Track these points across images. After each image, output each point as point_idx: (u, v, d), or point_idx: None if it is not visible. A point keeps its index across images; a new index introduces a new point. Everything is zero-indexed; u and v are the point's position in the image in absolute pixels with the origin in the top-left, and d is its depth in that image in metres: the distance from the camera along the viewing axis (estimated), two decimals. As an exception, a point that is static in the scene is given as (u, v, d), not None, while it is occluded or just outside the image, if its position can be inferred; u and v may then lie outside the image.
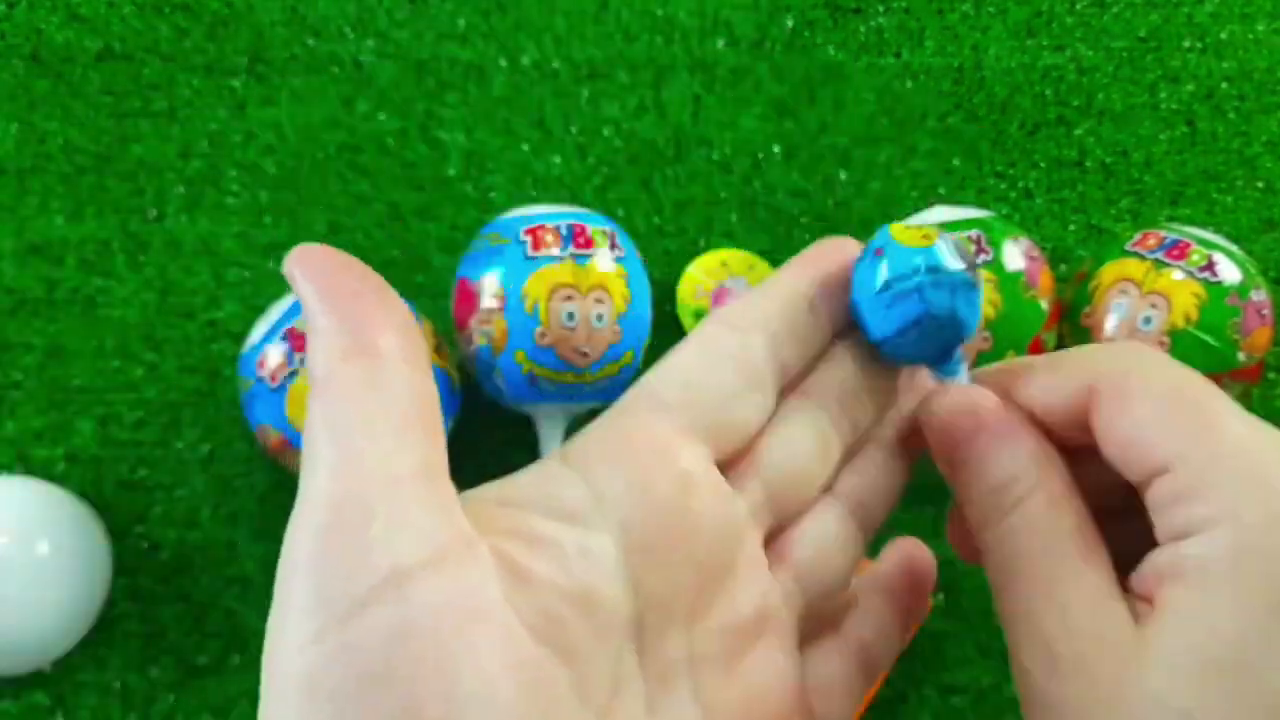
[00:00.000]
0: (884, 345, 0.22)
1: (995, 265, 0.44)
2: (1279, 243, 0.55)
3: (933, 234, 0.22)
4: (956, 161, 0.56)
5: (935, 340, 0.21)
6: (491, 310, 0.45)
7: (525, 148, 0.56)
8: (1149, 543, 0.19)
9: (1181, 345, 0.44)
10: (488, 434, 0.50)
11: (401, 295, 0.51)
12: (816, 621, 0.23)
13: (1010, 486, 0.20)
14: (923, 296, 0.21)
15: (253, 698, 0.47)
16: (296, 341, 0.43)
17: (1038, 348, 0.45)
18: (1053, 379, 0.21)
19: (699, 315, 0.51)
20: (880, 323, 0.22)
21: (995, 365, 0.23)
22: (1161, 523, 0.18)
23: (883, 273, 0.21)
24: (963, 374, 0.22)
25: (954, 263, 0.21)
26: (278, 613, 0.16)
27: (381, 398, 0.17)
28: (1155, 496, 0.18)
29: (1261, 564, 0.17)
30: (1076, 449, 0.21)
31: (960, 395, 0.21)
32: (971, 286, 0.21)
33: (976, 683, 0.48)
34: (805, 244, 0.56)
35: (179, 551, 0.49)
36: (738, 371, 0.21)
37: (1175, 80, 0.57)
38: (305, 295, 0.18)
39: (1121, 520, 0.21)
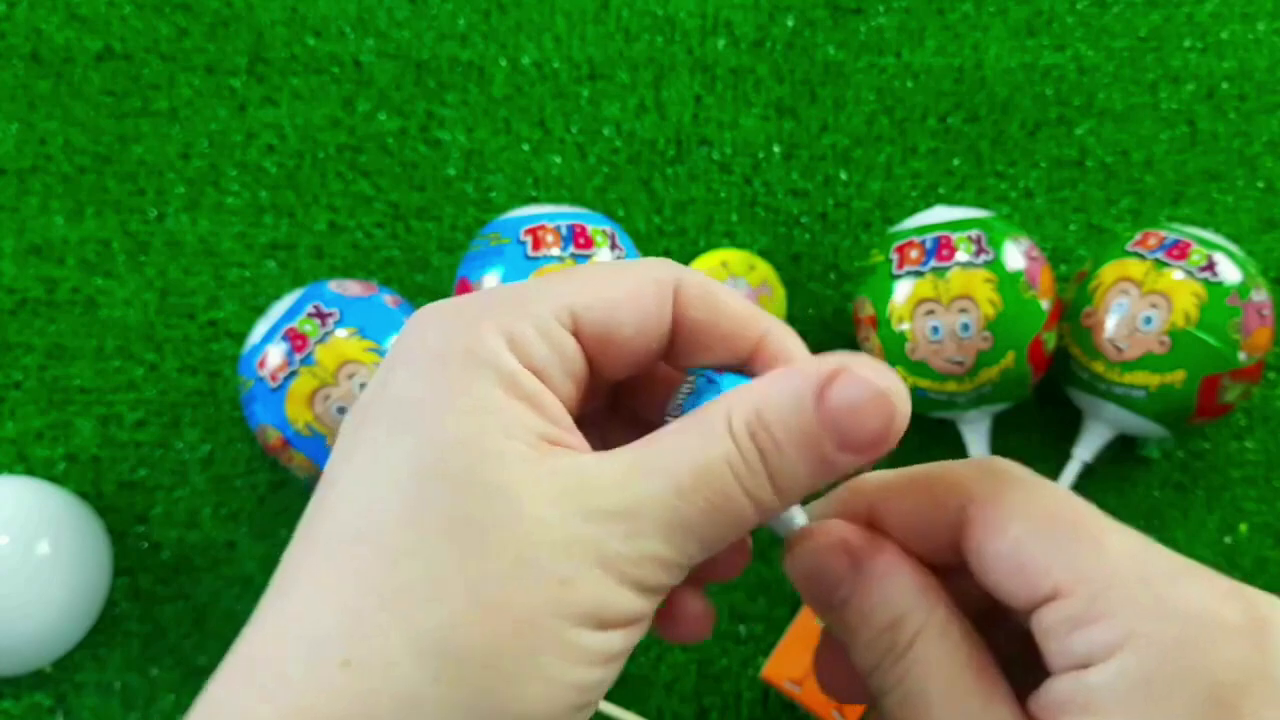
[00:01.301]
0: None
1: (996, 265, 0.44)
2: (1279, 242, 0.55)
3: None
4: (957, 161, 0.56)
5: None
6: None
7: (525, 148, 0.56)
8: (1020, 645, 0.19)
9: (1182, 345, 0.44)
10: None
11: (401, 295, 0.51)
12: None
13: (901, 625, 0.19)
14: None
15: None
16: (297, 342, 0.43)
17: (1038, 348, 0.45)
18: (918, 502, 0.20)
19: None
20: None
21: (843, 489, 0.22)
22: (1056, 649, 0.18)
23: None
24: (797, 516, 0.21)
25: None
26: None
27: None
28: (1045, 623, 0.18)
29: (1174, 690, 0.16)
30: (938, 566, 0.20)
31: (827, 534, 0.21)
32: None
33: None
34: (805, 243, 0.57)
35: (179, 551, 0.49)
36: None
37: (1176, 80, 0.57)
38: None
39: (989, 625, 0.20)
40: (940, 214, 0.47)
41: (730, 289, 0.21)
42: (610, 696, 0.46)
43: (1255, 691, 0.16)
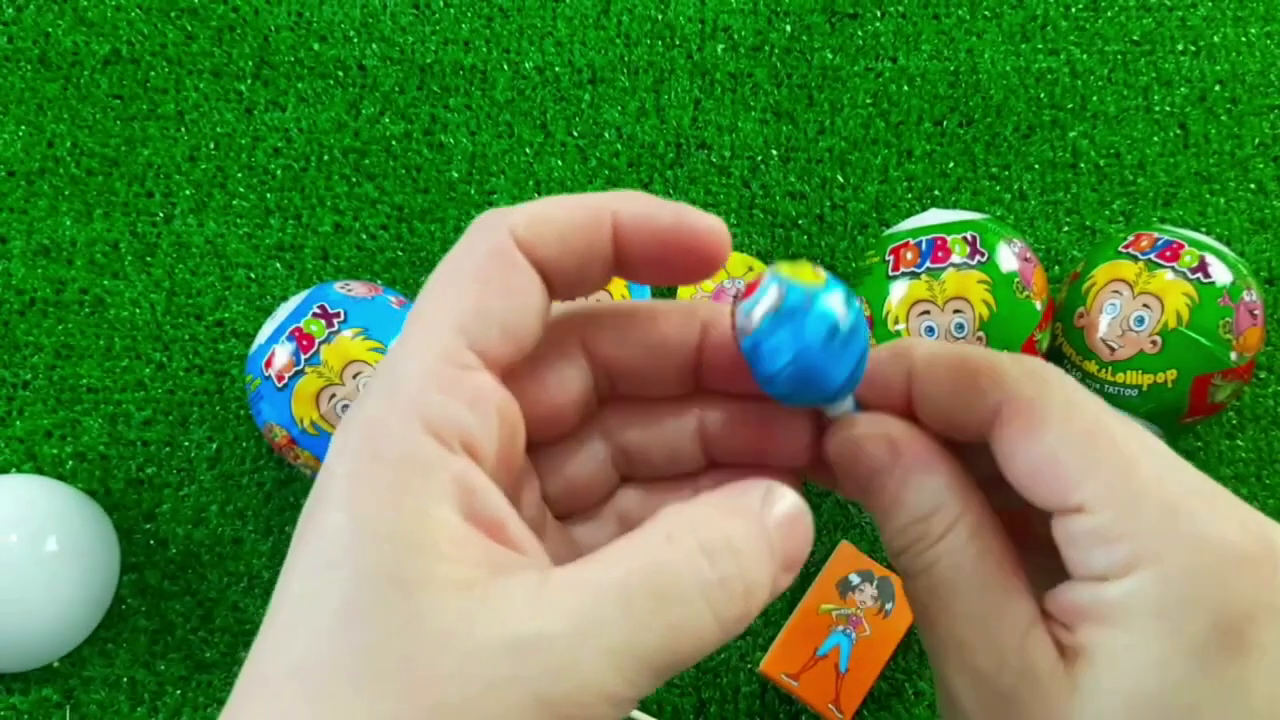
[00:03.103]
0: (768, 384, 0.20)
1: (990, 266, 0.45)
2: (1270, 244, 0.55)
3: (821, 273, 0.20)
4: (952, 164, 0.57)
5: (810, 379, 0.20)
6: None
7: (528, 151, 0.56)
8: (1042, 541, 0.20)
9: (1173, 345, 0.45)
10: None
11: (405, 297, 0.51)
12: None
13: (933, 518, 0.20)
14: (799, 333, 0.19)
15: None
16: (303, 342, 0.44)
17: (1031, 348, 0.46)
18: (958, 385, 0.20)
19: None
20: (765, 360, 0.20)
21: (887, 348, 0.21)
22: (1077, 558, 0.18)
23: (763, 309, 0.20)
24: (851, 407, 0.21)
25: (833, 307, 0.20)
26: None
27: None
28: (1069, 532, 0.18)
29: (1184, 613, 0.17)
30: (967, 451, 0.20)
31: (872, 424, 0.21)
32: (849, 332, 0.20)
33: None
34: (803, 245, 0.57)
35: (186, 548, 0.49)
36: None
37: (1168, 83, 0.58)
38: None
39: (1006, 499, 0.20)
40: (935, 216, 0.48)
41: (556, 201, 0.20)
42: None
43: (1261, 622, 0.17)
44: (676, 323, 0.21)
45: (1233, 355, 0.45)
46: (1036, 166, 0.57)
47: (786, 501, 0.19)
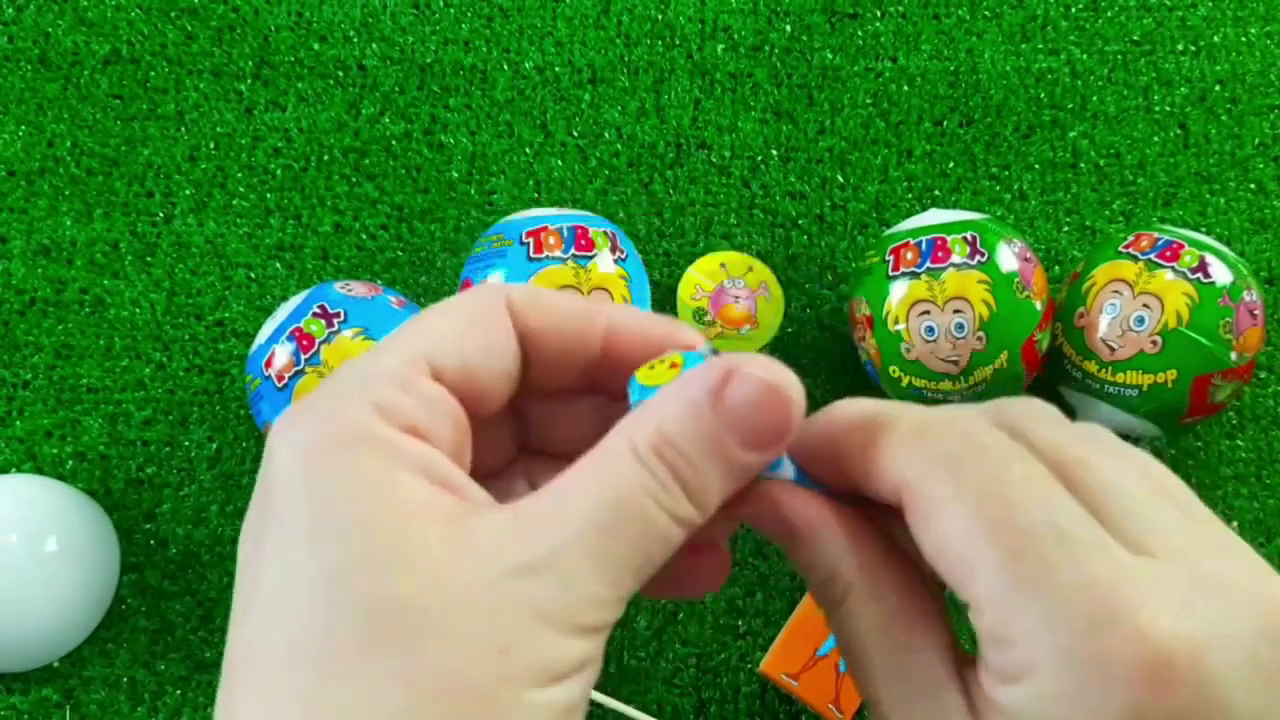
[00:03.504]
0: None
1: (990, 266, 0.45)
2: (1270, 244, 0.55)
3: (678, 360, 0.20)
4: (952, 164, 0.57)
5: None
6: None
7: (528, 151, 0.56)
8: None
9: (1174, 345, 0.45)
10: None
11: (405, 297, 0.51)
12: None
13: (834, 581, 0.20)
14: None
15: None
16: (303, 342, 0.44)
17: (1031, 348, 0.46)
18: (871, 468, 0.20)
19: (698, 315, 0.52)
20: None
21: (814, 424, 0.21)
22: (983, 651, 0.18)
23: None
24: (784, 465, 0.21)
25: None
26: None
27: None
28: (974, 623, 0.18)
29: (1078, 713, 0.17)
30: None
31: (761, 501, 0.21)
32: None
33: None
34: (802, 245, 0.57)
35: (186, 548, 0.49)
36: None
37: (1168, 83, 0.58)
38: None
39: None
40: (935, 216, 0.48)
41: (557, 292, 0.21)
42: (610, 691, 0.47)
43: None
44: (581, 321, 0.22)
45: (1233, 355, 0.45)
46: (1036, 166, 0.57)
47: (745, 378, 0.18)
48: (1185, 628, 0.16)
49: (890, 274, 0.46)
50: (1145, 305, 0.45)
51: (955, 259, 0.45)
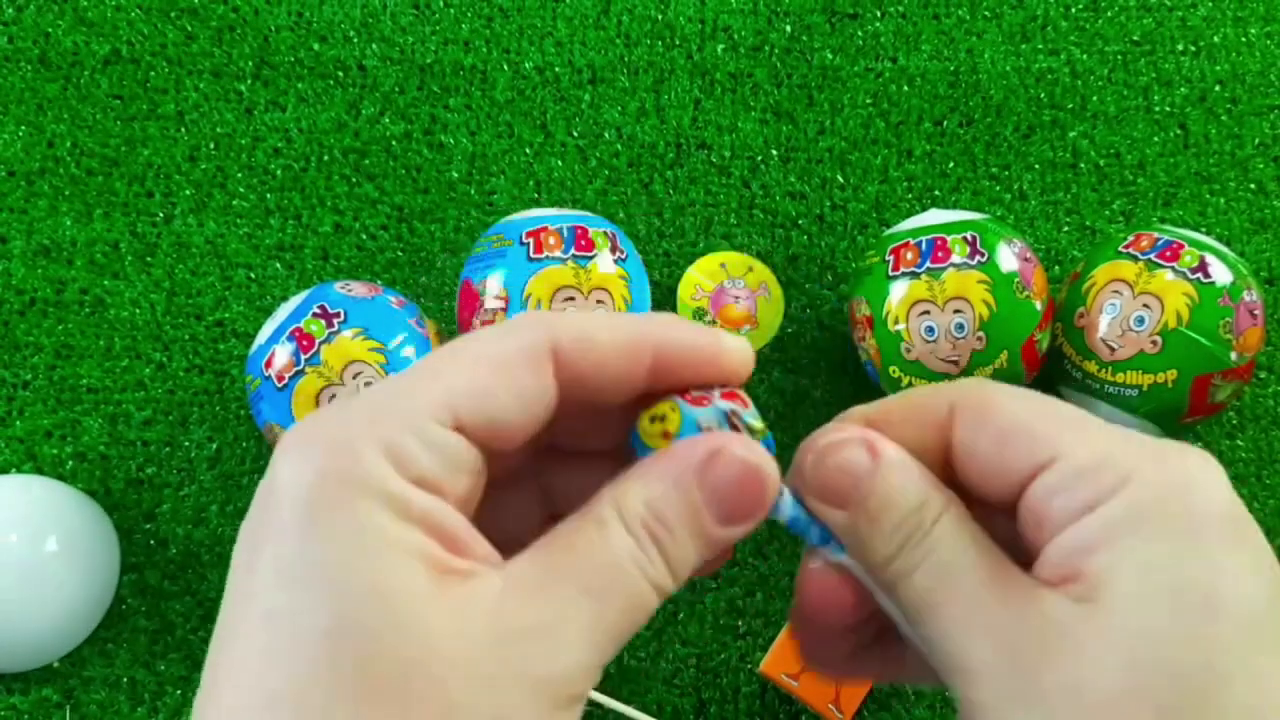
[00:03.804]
0: None
1: (990, 266, 0.45)
2: (1270, 244, 0.55)
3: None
4: (952, 164, 0.57)
5: None
6: (495, 311, 0.46)
7: (528, 151, 0.56)
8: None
9: (1174, 345, 0.45)
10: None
11: (406, 297, 0.52)
12: None
13: (923, 509, 0.20)
14: None
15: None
16: (303, 342, 0.44)
17: (1031, 348, 0.46)
18: (911, 411, 0.21)
19: (698, 315, 0.52)
20: None
21: (836, 421, 0.22)
22: (1060, 507, 0.19)
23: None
24: (781, 501, 0.21)
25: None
26: None
27: None
28: (1046, 488, 0.19)
29: (1177, 515, 0.18)
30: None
31: (848, 434, 0.21)
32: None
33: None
34: (802, 245, 0.57)
35: (186, 548, 0.49)
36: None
37: (1168, 83, 0.58)
38: None
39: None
40: (935, 216, 0.48)
41: (608, 317, 0.21)
42: (610, 691, 0.47)
43: (1229, 528, 0.18)
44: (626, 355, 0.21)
45: (1233, 355, 0.45)
46: (1036, 166, 0.57)
47: (728, 459, 0.19)
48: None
49: (890, 274, 0.46)
50: (1145, 305, 0.45)
51: (955, 259, 0.45)
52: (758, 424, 0.21)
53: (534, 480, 0.23)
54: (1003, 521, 0.21)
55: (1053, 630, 0.18)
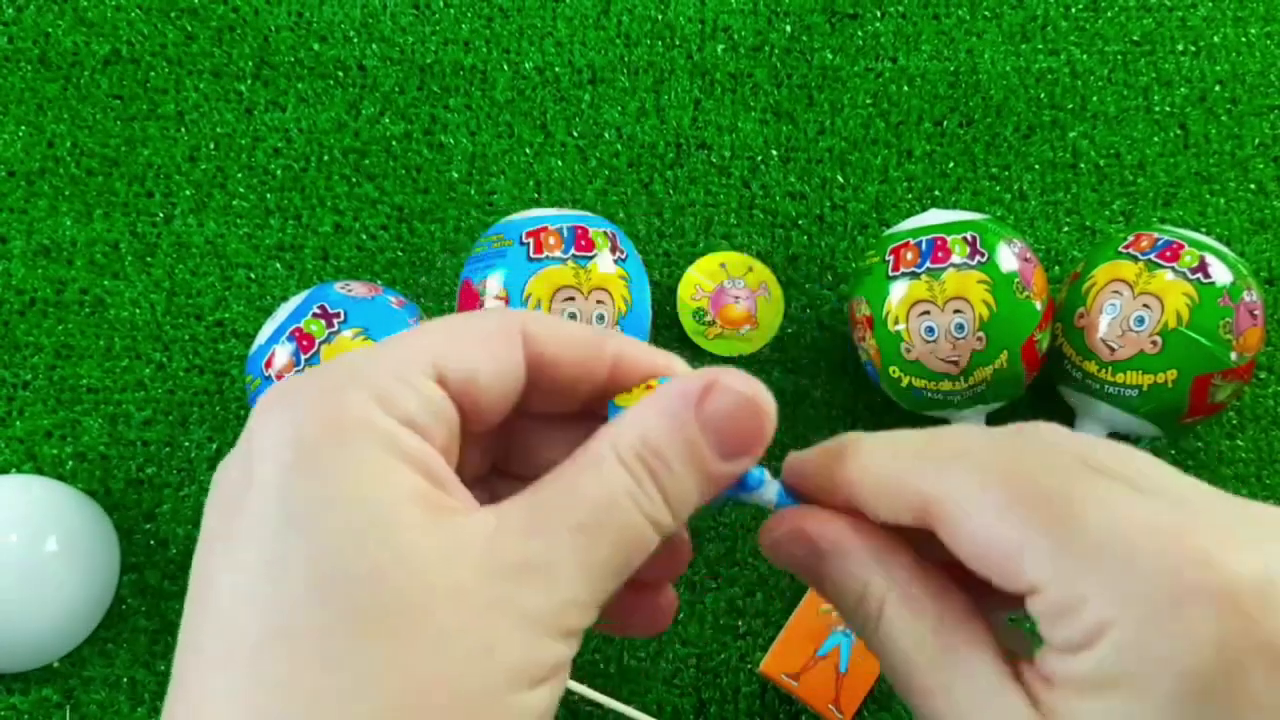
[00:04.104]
0: None
1: (990, 267, 0.45)
2: (1270, 244, 0.55)
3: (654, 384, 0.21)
4: (952, 164, 0.57)
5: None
6: (495, 311, 0.46)
7: (528, 151, 0.56)
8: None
9: (1174, 345, 0.45)
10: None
11: (405, 297, 0.52)
12: None
13: (867, 598, 0.20)
14: None
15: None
16: (303, 342, 0.44)
17: (1031, 348, 0.46)
18: (885, 495, 0.20)
19: (698, 316, 0.52)
20: None
21: (808, 454, 0.22)
22: (1046, 633, 0.18)
23: None
24: (766, 484, 0.21)
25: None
26: None
27: None
28: (1033, 610, 0.18)
29: (1151, 677, 0.16)
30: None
31: (786, 524, 0.21)
32: None
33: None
34: (802, 245, 0.57)
35: (186, 548, 0.49)
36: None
37: (1168, 83, 0.58)
38: None
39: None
40: (935, 216, 0.48)
41: (572, 323, 0.22)
42: (610, 691, 0.47)
43: (1249, 666, 0.16)
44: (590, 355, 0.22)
45: (1233, 355, 0.45)
46: (1036, 167, 0.57)
47: (724, 390, 0.19)
48: (1249, 557, 0.16)
49: (890, 274, 0.46)
50: (1145, 305, 0.45)
51: (955, 259, 0.45)
52: None
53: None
54: None
55: None
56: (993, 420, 0.49)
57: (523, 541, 0.18)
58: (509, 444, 0.23)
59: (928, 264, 0.45)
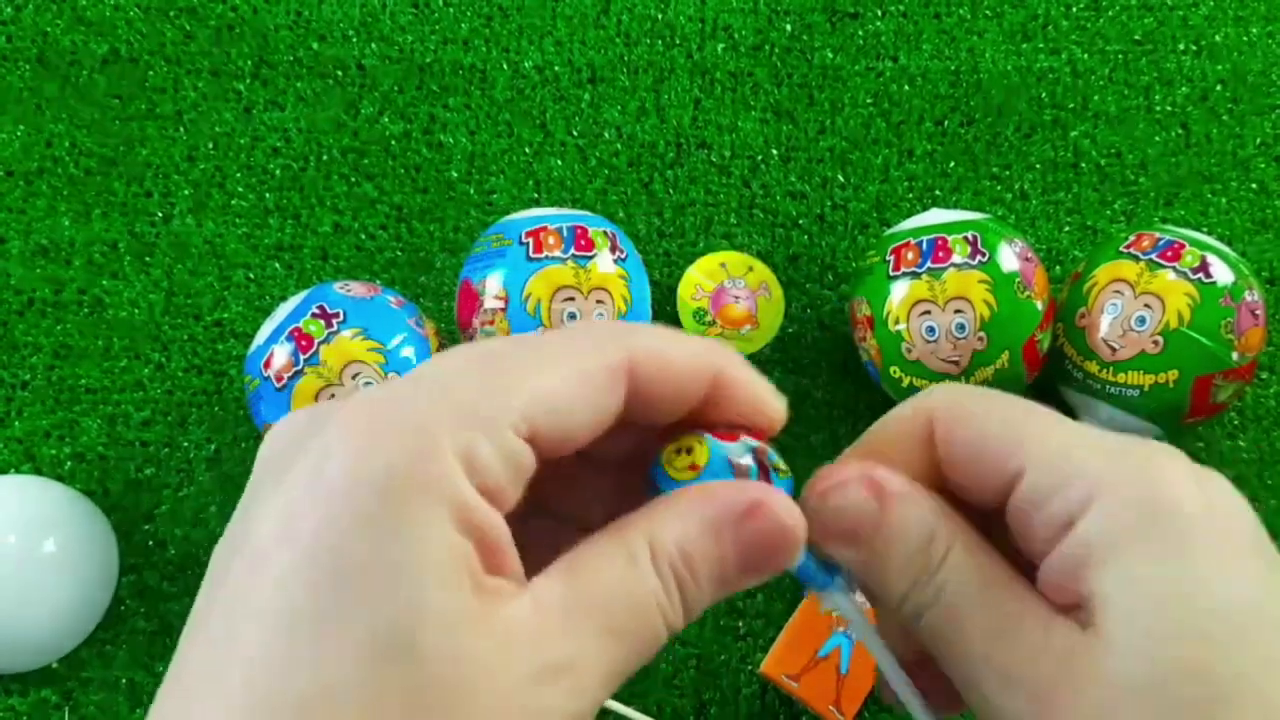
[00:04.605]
0: None
1: (991, 266, 0.45)
2: (1272, 244, 0.55)
3: (700, 456, 0.20)
4: (952, 164, 0.57)
5: None
6: (494, 311, 0.46)
7: (527, 150, 0.56)
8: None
9: (1175, 345, 0.44)
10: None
11: (405, 296, 0.51)
12: None
13: (932, 544, 0.20)
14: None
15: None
16: (302, 342, 0.44)
17: (1032, 348, 0.46)
18: (897, 433, 0.22)
19: (698, 316, 0.52)
20: None
21: (848, 453, 0.23)
22: (1042, 522, 0.19)
23: None
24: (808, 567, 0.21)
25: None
26: None
27: None
28: (1026, 501, 0.19)
29: (1150, 526, 0.18)
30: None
31: (846, 471, 0.21)
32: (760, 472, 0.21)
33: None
34: (803, 245, 0.57)
35: (185, 549, 0.49)
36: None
37: (1170, 83, 0.58)
38: None
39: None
40: (936, 216, 0.48)
41: (681, 336, 0.20)
42: (611, 692, 0.47)
43: (1214, 489, 0.19)
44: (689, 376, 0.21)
45: (1234, 355, 0.45)
46: (1038, 166, 0.57)
47: (768, 516, 0.19)
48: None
49: (891, 274, 0.46)
50: (1147, 305, 0.45)
51: (956, 259, 0.45)
52: (782, 465, 0.21)
53: None
54: (1003, 523, 0.21)
55: (1064, 666, 0.18)
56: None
57: (557, 641, 0.17)
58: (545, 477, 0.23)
59: (929, 264, 0.45)
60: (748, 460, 0.20)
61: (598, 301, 0.46)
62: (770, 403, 0.21)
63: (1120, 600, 0.18)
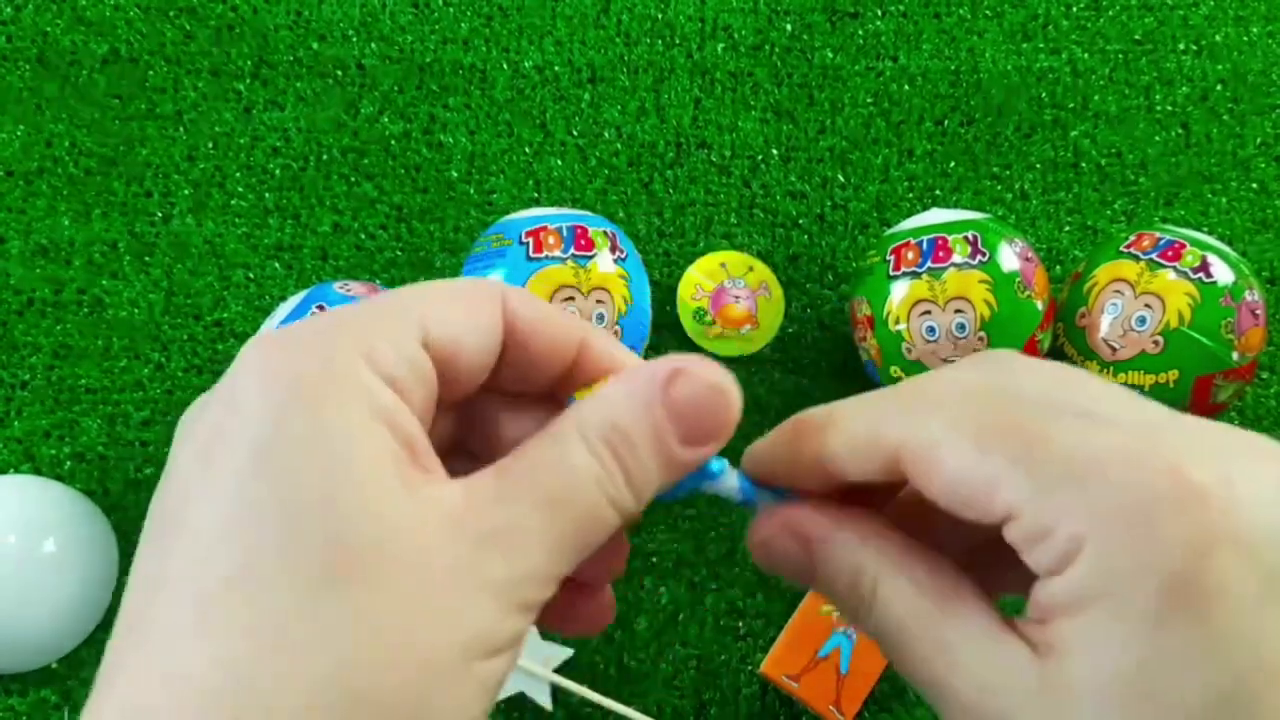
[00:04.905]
0: None
1: (991, 266, 0.45)
2: (1272, 243, 0.55)
3: None
4: (953, 164, 0.56)
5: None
6: (494, 311, 0.46)
7: (527, 150, 0.56)
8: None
9: (1175, 345, 0.44)
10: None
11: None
12: None
13: (859, 581, 0.20)
14: None
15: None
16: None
17: (1033, 348, 0.46)
18: (861, 455, 0.20)
19: (698, 315, 0.52)
20: None
21: (767, 440, 0.22)
22: (1029, 560, 0.18)
23: None
24: (727, 473, 0.21)
25: None
26: None
27: None
28: (1012, 540, 0.18)
29: (1129, 585, 0.16)
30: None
31: (774, 520, 0.21)
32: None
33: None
34: (803, 245, 0.57)
35: (185, 549, 0.49)
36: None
37: (1170, 83, 0.58)
38: None
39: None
40: (936, 216, 0.48)
41: (543, 300, 0.22)
42: (610, 692, 0.47)
43: (1218, 557, 0.16)
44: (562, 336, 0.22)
45: (1235, 355, 0.45)
46: (1038, 166, 0.57)
47: (690, 377, 0.19)
48: (1211, 464, 0.17)
49: (891, 274, 0.46)
50: (1147, 305, 0.45)
51: (956, 259, 0.45)
52: None
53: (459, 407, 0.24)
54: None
55: (1015, 696, 0.18)
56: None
57: (490, 510, 0.18)
58: (472, 420, 0.23)
59: (929, 263, 0.45)
60: None
61: (598, 301, 0.46)
62: (640, 362, 0.22)
63: (1080, 666, 0.17)
